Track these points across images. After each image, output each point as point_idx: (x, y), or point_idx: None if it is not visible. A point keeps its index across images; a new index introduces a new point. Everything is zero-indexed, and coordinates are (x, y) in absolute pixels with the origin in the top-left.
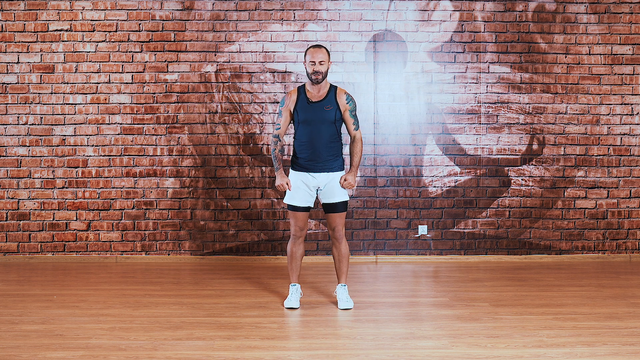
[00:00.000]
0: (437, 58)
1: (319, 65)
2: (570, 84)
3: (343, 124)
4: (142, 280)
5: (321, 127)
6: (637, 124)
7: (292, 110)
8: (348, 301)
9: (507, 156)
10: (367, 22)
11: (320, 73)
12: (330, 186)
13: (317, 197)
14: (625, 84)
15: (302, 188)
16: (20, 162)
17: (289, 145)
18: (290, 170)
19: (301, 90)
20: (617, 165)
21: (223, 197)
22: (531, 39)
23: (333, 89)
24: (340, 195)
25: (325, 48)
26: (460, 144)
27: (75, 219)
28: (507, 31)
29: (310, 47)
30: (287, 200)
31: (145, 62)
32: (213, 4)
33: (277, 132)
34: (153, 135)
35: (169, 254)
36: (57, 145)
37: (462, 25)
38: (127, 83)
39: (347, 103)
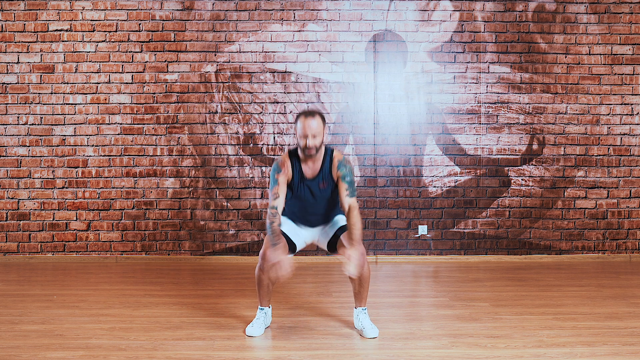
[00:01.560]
0: (437, 58)
1: (312, 140)
2: (570, 84)
3: None
4: (142, 280)
5: (316, 203)
6: (637, 124)
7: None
8: (373, 328)
9: (507, 156)
10: (367, 22)
11: (314, 148)
12: (328, 225)
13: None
14: (625, 84)
15: (293, 225)
16: (20, 162)
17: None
18: (283, 216)
19: (294, 160)
20: (617, 165)
21: (223, 197)
22: (531, 39)
23: (328, 157)
24: (339, 221)
25: (319, 115)
26: (460, 144)
27: (75, 219)
28: (507, 31)
29: (301, 114)
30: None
31: (145, 62)
32: (213, 4)
33: (275, 202)
34: (153, 135)
35: (169, 254)
36: (57, 145)
37: (462, 25)
38: (127, 83)
39: (338, 170)
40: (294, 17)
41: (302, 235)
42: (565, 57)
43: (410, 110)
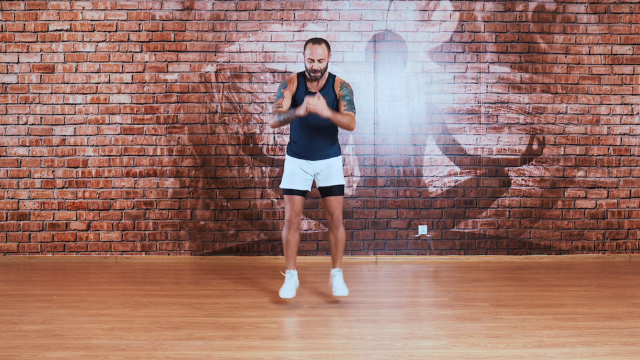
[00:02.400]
0: (437, 58)
1: (317, 64)
2: (570, 84)
3: None
4: (142, 280)
5: (318, 117)
6: (637, 124)
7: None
8: (344, 288)
9: (507, 156)
10: (367, 22)
11: (319, 71)
12: (327, 171)
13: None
14: (625, 84)
15: (299, 172)
16: (20, 162)
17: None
18: (287, 156)
19: (301, 79)
20: (617, 165)
21: (223, 197)
22: (531, 39)
23: (331, 79)
24: (336, 179)
25: (325, 43)
26: (460, 144)
27: (75, 219)
28: (507, 31)
29: (309, 41)
30: (285, 184)
31: (145, 62)
32: (213, 4)
33: (278, 107)
34: (153, 135)
35: (169, 254)
36: (57, 145)
37: (462, 25)
38: (127, 83)
39: (340, 90)
40: (294, 17)
41: (306, 177)
42: (565, 57)
43: (410, 110)
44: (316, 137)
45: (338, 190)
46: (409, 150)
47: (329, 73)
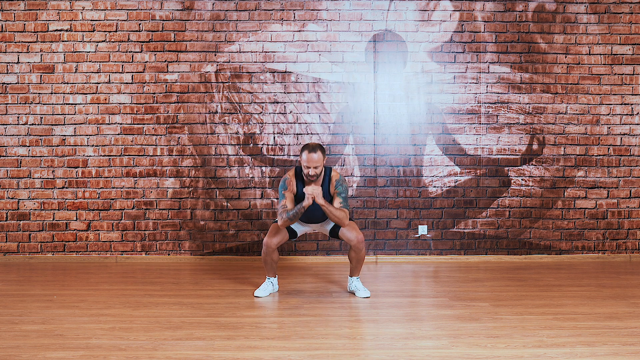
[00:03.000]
0: (437, 58)
1: (313, 170)
2: (570, 84)
3: None
4: (142, 280)
5: (316, 213)
6: (637, 124)
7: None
8: (366, 290)
9: (507, 156)
10: (367, 22)
11: (315, 176)
12: (325, 223)
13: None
14: (625, 84)
15: (296, 223)
16: (20, 162)
17: (288, 145)
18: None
19: (299, 178)
20: (617, 165)
21: (223, 197)
22: (531, 39)
23: (327, 178)
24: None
25: (320, 149)
26: (460, 144)
27: (75, 219)
28: (507, 31)
29: (305, 148)
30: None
31: (145, 62)
32: (213, 4)
33: (283, 209)
34: (153, 135)
35: (169, 254)
36: (57, 145)
37: (462, 25)
38: (127, 83)
39: (335, 189)
40: (294, 17)
41: (303, 227)
42: (565, 57)
43: (410, 110)
44: (316, 219)
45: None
46: (409, 150)
47: (325, 167)
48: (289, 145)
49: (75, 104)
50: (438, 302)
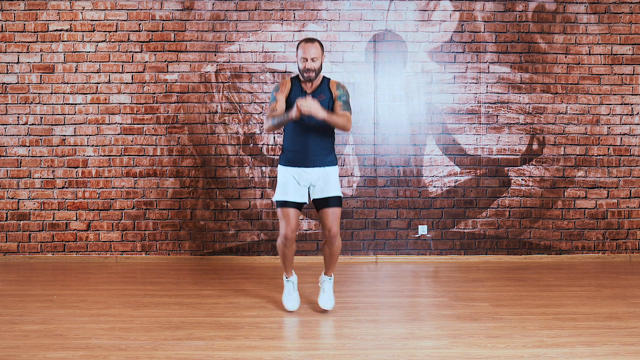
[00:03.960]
0: (437, 58)
1: (310, 63)
2: (570, 84)
3: None
4: (142, 280)
5: (312, 120)
6: (637, 124)
7: (286, 98)
8: (329, 300)
9: (507, 156)
10: (367, 22)
11: (313, 70)
12: (323, 181)
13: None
14: (625, 84)
15: (293, 182)
16: (20, 162)
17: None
18: (279, 166)
19: (295, 81)
20: (617, 165)
21: (223, 197)
22: (531, 39)
23: (326, 80)
24: (333, 190)
25: (318, 42)
26: (460, 144)
27: (75, 219)
28: (507, 31)
29: (302, 40)
30: (278, 196)
31: (145, 62)
32: (213, 4)
33: (271, 112)
34: (153, 135)
35: (169, 254)
36: (57, 145)
37: (462, 25)
38: (127, 83)
39: (337, 89)
40: (294, 17)
41: (302, 188)
42: (565, 57)
43: (410, 110)
44: (312, 142)
45: (335, 201)
46: (409, 150)
47: (323, 75)
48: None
49: (75, 104)
50: (438, 302)
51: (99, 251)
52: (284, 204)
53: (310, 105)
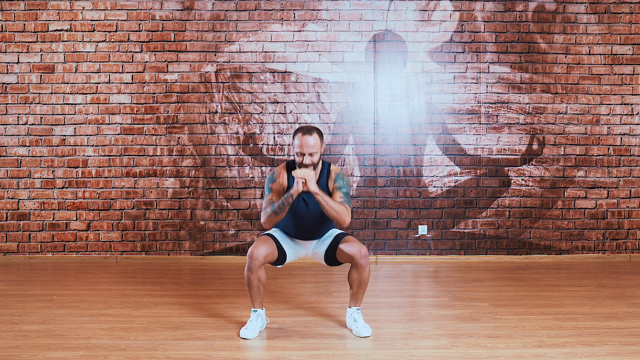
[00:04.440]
0: (437, 58)
1: (308, 157)
2: (570, 84)
3: None
4: (142, 280)
5: (309, 214)
6: (637, 124)
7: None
8: (366, 327)
9: (507, 156)
10: (367, 22)
11: (311, 165)
12: (319, 244)
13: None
14: (625, 84)
15: (287, 240)
16: (20, 162)
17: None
18: (274, 228)
19: (290, 168)
20: (617, 165)
21: (223, 197)
22: (531, 39)
23: (326, 170)
24: (334, 233)
25: (317, 132)
26: (460, 144)
27: (75, 219)
28: (507, 31)
29: (299, 130)
30: (269, 231)
31: (145, 62)
32: (213, 4)
33: (269, 203)
34: (153, 135)
35: (169, 254)
36: (57, 145)
37: (462, 25)
38: (127, 83)
39: (335, 182)
40: (294, 17)
41: (295, 248)
42: (565, 57)
43: (410, 110)
44: (308, 231)
45: (341, 235)
46: (409, 150)
47: (323, 162)
48: (289, 145)
49: (75, 104)
50: (438, 302)
51: (99, 251)
52: (271, 236)
53: (304, 173)
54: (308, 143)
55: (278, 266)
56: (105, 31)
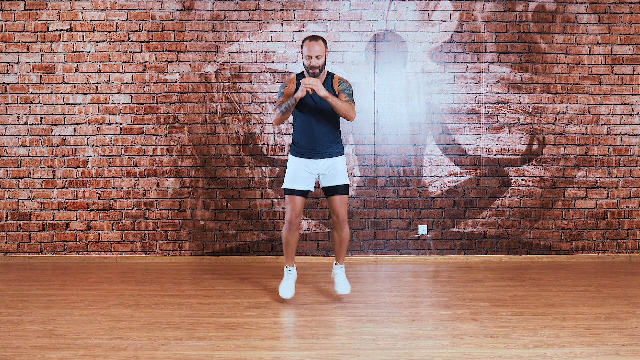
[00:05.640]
0: (437, 58)
1: (315, 60)
2: (570, 84)
3: None
4: (142, 280)
5: (320, 115)
6: (637, 124)
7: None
8: (346, 286)
9: (507, 156)
10: (367, 22)
11: (317, 67)
12: (331, 171)
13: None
14: (625, 84)
15: (302, 171)
16: (20, 162)
17: (286, 134)
18: (290, 155)
19: (300, 77)
20: (617, 165)
21: (223, 197)
22: (531, 39)
23: (330, 76)
24: (341, 178)
25: (322, 39)
26: (460, 144)
27: (75, 219)
28: (507, 31)
29: (307, 38)
30: (287, 184)
31: (145, 62)
32: (213, 4)
33: (279, 104)
34: (153, 135)
35: (169, 254)
36: (57, 145)
37: (462, 25)
38: (127, 83)
39: (339, 85)
40: (294, 17)
41: (308, 173)
42: (565, 57)
43: (410, 110)
44: (319, 135)
45: (343, 189)
46: (409, 150)
47: (327, 71)
48: (289, 145)
49: (75, 104)
50: (438, 302)
51: (99, 251)
52: (291, 191)
53: (313, 82)
54: (314, 48)
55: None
56: (105, 31)
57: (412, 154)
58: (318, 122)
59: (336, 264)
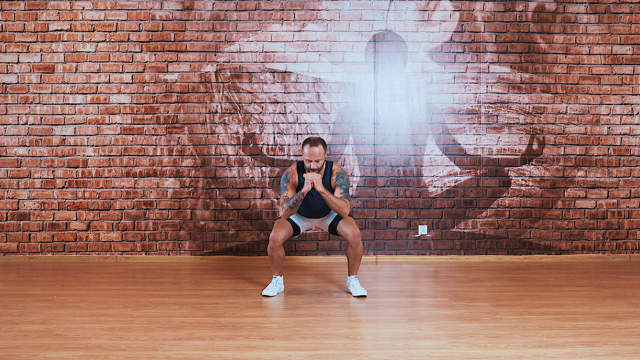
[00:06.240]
0: (437, 58)
1: (315, 164)
2: (570, 84)
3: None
4: (142, 280)
5: (315, 203)
6: (637, 124)
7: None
8: (361, 289)
9: (507, 156)
10: (367, 22)
11: (317, 170)
12: (324, 219)
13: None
14: (625, 84)
15: (298, 217)
16: (20, 162)
17: (288, 145)
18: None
19: (300, 171)
20: (617, 165)
21: (223, 197)
22: (531, 39)
23: (329, 167)
24: (336, 215)
25: (322, 143)
26: (460, 144)
27: (75, 219)
28: (507, 31)
29: (307, 142)
30: (288, 212)
31: (145, 62)
32: (213, 4)
33: (285, 199)
34: (153, 135)
35: (169, 254)
36: (57, 145)
37: (462, 25)
38: (127, 83)
39: (336, 180)
40: (294, 17)
41: (305, 222)
42: (565, 57)
43: (410, 110)
44: (316, 207)
45: (341, 217)
46: (409, 150)
47: (326, 161)
48: (289, 145)
49: (75, 104)
50: (438, 302)
51: (99, 251)
52: (288, 218)
53: (313, 177)
54: (314, 152)
55: (295, 237)
56: (105, 31)
57: (412, 154)
58: (316, 210)
59: (350, 275)
